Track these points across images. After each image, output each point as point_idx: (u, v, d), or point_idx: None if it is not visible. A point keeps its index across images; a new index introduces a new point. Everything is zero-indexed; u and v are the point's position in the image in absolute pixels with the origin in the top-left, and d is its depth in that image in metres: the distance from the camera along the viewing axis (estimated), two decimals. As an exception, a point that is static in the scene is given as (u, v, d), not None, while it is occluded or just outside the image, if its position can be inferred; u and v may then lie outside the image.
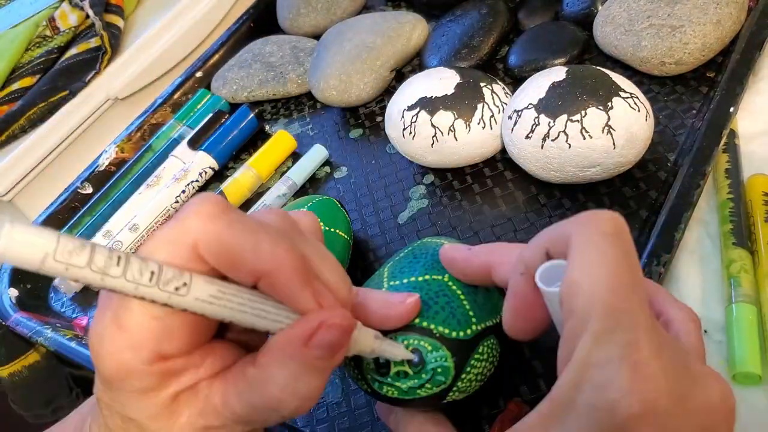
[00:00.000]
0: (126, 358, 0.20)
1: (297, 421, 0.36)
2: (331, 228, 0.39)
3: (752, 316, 0.32)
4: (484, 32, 0.51)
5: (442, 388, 0.27)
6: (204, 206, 0.21)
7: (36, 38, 0.65)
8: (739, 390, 0.31)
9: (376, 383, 0.28)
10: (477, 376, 0.28)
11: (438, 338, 0.27)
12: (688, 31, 0.42)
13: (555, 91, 0.38)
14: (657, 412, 0.18)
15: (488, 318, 0.29)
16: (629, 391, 0.18)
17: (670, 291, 0.35)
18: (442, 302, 0.28)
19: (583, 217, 0.21)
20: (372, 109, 0.53)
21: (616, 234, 0.20)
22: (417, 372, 0.27)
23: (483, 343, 0.28)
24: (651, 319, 0.20)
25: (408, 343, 0.27)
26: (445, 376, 0.27)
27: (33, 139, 0.59)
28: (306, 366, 0.21)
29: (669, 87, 0.44)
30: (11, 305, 0.48)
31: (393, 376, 0.27)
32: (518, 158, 0.41)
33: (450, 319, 0.28)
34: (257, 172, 0.50)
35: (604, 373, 0.18)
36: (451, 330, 0.28)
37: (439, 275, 0.30)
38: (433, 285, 0.29)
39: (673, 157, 0.40)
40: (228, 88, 0.58)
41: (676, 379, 0.19)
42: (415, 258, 0.31)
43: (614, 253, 0.20)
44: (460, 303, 0.29)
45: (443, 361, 0.27)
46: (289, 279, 0.21)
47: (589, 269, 0.20)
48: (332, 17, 0.60)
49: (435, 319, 0.28)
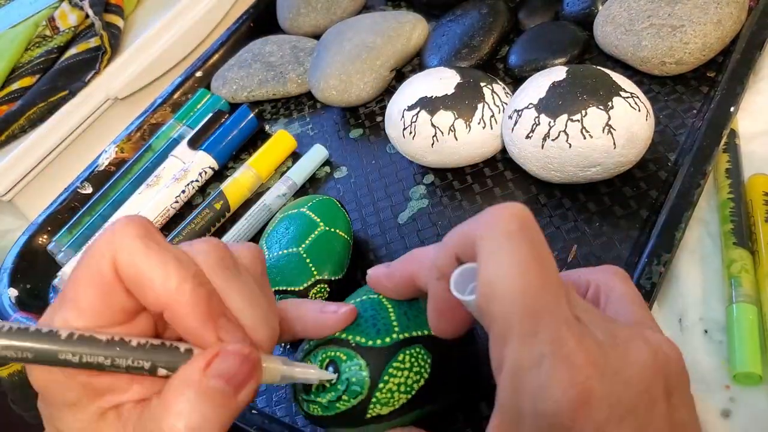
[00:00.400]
0: (50, 368, 0.21)
1: (297, 420, 0.36)
2: (331, 228, 0.39)
3: (753, 316, 0.32)
4: (485, 32, 0.51)
5: (359, 400, 0.27)
6: (129, 227, 0.21)
7: (36, 38, 0.65)
8: (739, 390, 0.31)
9: (304, 403, 0.28)
10: (399, 386, 0.27)
11: (353, 347, 0.27)
12: (688, 30, 0.42)
13: (555, 91, 0.38)
14: (596, 396, 0.18)
15: (417, 328, 0.28)
16: (566, 387, 0.18)
17: (671, 290, 0.35)
18: (367, 315, 0.29)
19: (486, 217, 0.21)
20: (372, 109, 0.53)
21: (521, 228, 0.20)
22: (333, 384, 0.27)
23: (404, 352, 0.27)
24: (568, 308, 0.20)
25: (326, 356, 0.27)
26: (361, 386, 0.27)
27: (33, 139, 0.59)
28: (203, 396, 0.21)
29: (669, 87, 0.44)
30: (11, 305, 0.48)
31: (314, 391, 0.27)
32: (518, 158, 0.41)
33: (369, 329, 0.28)
34: (257, 172, 0.50)
35: (539, 374, 0.19)
36: (368, 339, 0.27)
37: (375, 294, 0.30)
38: (366, 302, 0.29)
39: (674, 156, 0.40)
40: (228, 88, 0.58)
41: (605, 357, 0.19)
42: (361, 293, 0.31)
43: (521, 251, 0.20)
44: (387, 314, 0.28)
45: (358, 370, 0.27)
46: (188, 314, 0.21)
47: (499, 272, 0.20)
48: (332, 17, 0.60)
49: (354, 330, 0.28)
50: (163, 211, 0.50)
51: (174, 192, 0.50)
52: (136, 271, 0.21)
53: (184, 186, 0.51)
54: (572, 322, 0.19)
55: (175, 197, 0.50)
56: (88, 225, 0.50)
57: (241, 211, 0.49)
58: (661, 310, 0.35)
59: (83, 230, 0.50)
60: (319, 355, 0.28)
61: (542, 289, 0.19)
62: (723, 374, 0.31)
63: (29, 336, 0.20)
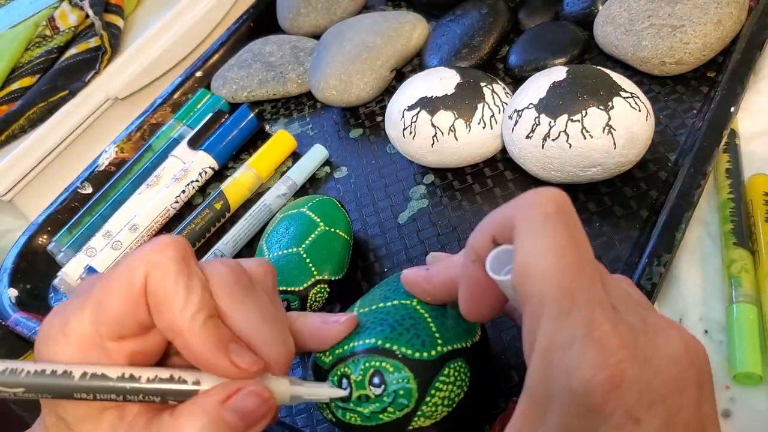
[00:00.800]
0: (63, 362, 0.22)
1: (297, 421, 0.36)
2: (332, 228, 0.39)
3: (753, 316, 0.32)
4: (485, 32, 0.51)
5: (405, 413, 0.26)
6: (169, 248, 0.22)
7: (36, 38, 0.64)
8: (739, 390, 0.31)
9: (339, 410, 0.27)
10: (443, 400, 0.27)
11: (400, 359, 0.27)
12: (688, 30, 0.42)
13: (555, 91, 0.38)
14: (627, 380, 0.18)
15: (457, 341, 0.28)
16: (598, 368, 0.18)
17: (671, 291, 0.35)
18: (407, 324, 0.28)
19: (524, 200, 0.21)
20: (372, 109, 0.53)
21: (558, 212, 0.20)
22: (378, 395, 0.26)
23: (449, 366, 0.27)
24: (603, 291, 0.20)
25: (370, 365, 0.27)
26: (408, 398, 0.26)
27: (33, 139, 0.59)
28: (216, 426, 0.21)
29: (669, 87, 0.44)
30: (11, 305, 0.48)
31: (355, 401, 0.27)
32: (519, 158, 0.41)
33: (414, 340, 0.27)
34: (257, 171, 0.50)
35: (571, 355, 0.19)
36: (414, 351, 0.27)
37: (407, 300, 0.29)
38: (400, 309, 0.29)
39: (674, 156, 0.40)
40: (228, 88, 0.58)
41: (637, 343, 0.19)
42: (385, 286, 0.31)
43: (558, 233, 0.20)
44: (426, 325, 0.28)
45: (405, 383, 0.26)
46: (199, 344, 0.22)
47: (536, 253, 0.20)
48: (332, 17, 0.60)
49: (398, 340, 0.27)
50: (163, 211, 0.50)
51: (174, 192, 0.50)
52: (162, 291, 0.22)
53: (184, 186, 0.51)
54: (606, 305, 0.19)
55: (175, 197, 0.50)
56: (88, 225, 0.50)
57: (241, 211, 0.49)
58: (661, 311, 0.35)
59: (83, 230, 0.50)
60: (361, 364, 0.27)
61: (578, 271, 0.19)
62: (723, 374, 0.31)
63: (45, 378, 0.21)
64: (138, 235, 0.48)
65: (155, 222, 0.49)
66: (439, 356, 0.27)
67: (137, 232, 0.48)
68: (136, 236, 0.48)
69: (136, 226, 0.48)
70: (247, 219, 0.46)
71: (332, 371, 0.28)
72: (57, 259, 0.50)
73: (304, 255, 0.38)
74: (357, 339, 0.28)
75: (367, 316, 0.29)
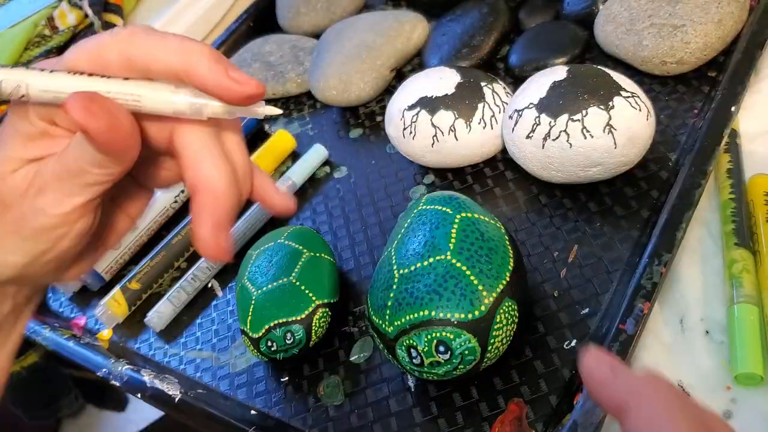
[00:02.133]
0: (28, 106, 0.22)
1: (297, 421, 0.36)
2: (316, 253, 0.39)
3: (754, 317, 0.32)
4: (485, 31, 0.51)
5: (473, 364, 0.30)
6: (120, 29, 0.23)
7: (35, 38, 0.64)
8: (740, 391, 0.31)
9: (416, 372, 0.31)
10: (502, 340, 0.31)
11: (457, 325, 0.29)
12: (689, 30, 0.42)
13: (556, 91, 0.38)
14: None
15: (497, 283, 0.30)
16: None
17: (672, 291, 0.35)
18: (450, 286, 0.30)
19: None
20: (372, 109, 0.53)
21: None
22: (447, 359, 0.30)
23: (499, 312, 0.30)
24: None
25: (431, 338, 0.29)
26: (473, 354, 0.30)
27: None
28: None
29: (670, 86, 0.44)
30: (10, 305, 0.47)
31: (428, 366, 0.30)
32: (519, 158, 0.41)
33: (463, 302, 0.29)
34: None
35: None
36: (467, 313, 0.29)
37: (441, 254, 0.31)
38: (438, 268, 0.31)
39: (675, 156, 0.40)
40: (227, 88, 0.58)
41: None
42: (414, 235, 0.33)
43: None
44: (469, 281, 0.30)
45: (468, 344, 0.29)
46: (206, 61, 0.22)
47: None
48: (332, 16, 0.60)
49: (449, 307, 0.29)
50: (163, 211, 0.49)
51: (173, 192, 0.50)
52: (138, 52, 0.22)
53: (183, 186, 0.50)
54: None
55: (175, 197, 0.50)
56: (88, 225, 0.50)
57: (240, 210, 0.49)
58: (662, 311, 0.35)
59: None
60: (423, 336, 0.30)
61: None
62: (724, 375, 0.31)
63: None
64: (137, 235, 0.48)
65: (155, 222, 0.49)
66: (489, 309, 0.30)
67: (136, 232, 0.48)
68: (135, 236, 0.48)
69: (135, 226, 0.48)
70: (245, 220, 0.46)
71: (398, 342, 0.31)
72: (56, 259, 0.50)
73: (297, 283, 0.37)
74: (410, 312, 0.30)
75: (409, 281, 0.31)
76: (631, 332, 0.31)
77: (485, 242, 0.32)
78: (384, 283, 0.32)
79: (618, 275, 0.36)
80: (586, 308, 0.35)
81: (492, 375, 0.34)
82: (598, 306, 0.35)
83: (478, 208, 0.34)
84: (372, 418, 0.35)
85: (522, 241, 0.39)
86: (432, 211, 0.33)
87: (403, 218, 0.35)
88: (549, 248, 0.38)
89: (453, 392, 0.34)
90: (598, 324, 0.34)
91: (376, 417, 0.35)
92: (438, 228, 0.32)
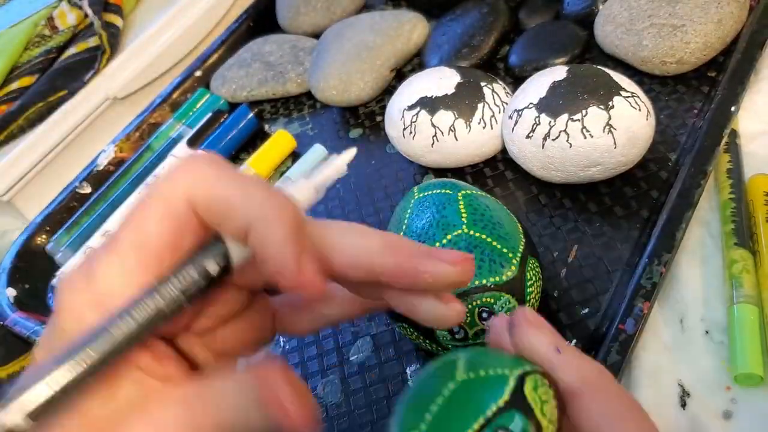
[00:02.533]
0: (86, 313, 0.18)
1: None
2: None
3: (754, 317, 0.31)
4: (485, 31, 0.51)
5: None
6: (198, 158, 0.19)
7: (35, 38, 0.64)
8: (740, 391, 0.31)
9: (456, 348, 0.31)
10: (535, 297, 0.32)
11: (494, 289, 0.30)
12: (689, 30, 0.42)
13: (556, 91, 0.38)
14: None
15: (518, 244, 0.32)
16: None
17: (672, 291, 0.35)
18: (478, 255, 0.30)
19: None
20: (372, 109, 0.53)
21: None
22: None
23: (527, 270, 0.31)
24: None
25: (473, 306, 0.30)
26: None
27: (31, 139, 0.59)
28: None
29: (670, 86, 0.44)
30: (9, 305, 0.47)
31: (472, 338, 0.31)
32: (519, 158, 0.41)
33: (494, 267, 0.30)
34: (256, 172, 0.50)
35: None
36: (500, 276, 0.30)
37: (458, 229, 0.31)
38: (459, 242, 0.31)
39: (674, 156, 0.40)
40: (227, 88, 0.58)
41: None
42: (421, 219, 0.32)
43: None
44: (493, 247, 0.31)
45: (508, 305, 0.30)
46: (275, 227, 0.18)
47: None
48: (332, 16, 0.60)
49: (482, 274, 0.30)
50: (162, 211, 0.49)
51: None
52: (215, 195, 0.19)
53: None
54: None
55: (175, 197, 0.50)
56: (87, 225, 0.50)
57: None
58: (662, 311, 0.35)
59: (82, 230, 0.50)
60: (466, 306, 0.28)
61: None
62: (724, 375, 0.31)
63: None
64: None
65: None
66: (518, 268, 0.31)
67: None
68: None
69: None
70: None
71: None
72: (55, 259, 0.50)
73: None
74: None
75: None
76: (630, 332, 0.31)
77: (493, 212, 0.33)
78: None
79: (618, 275, 0.36)
80: (586, 308, 0.35)
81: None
82: (598, 306, 0.35)
83: (471, 185, 0.35)
84: (372, 418, 0.35)
85: (522, 241, 0.39)
86: (431, 196, 0.34)
87: (401, 211, 0.35)
88: (549, 248, 0.38)
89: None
90: (597, 324, 0.34)
91: (376, 417, 0.35)
92: (445, 208, 0.33)
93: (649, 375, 0.32)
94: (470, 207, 0.32)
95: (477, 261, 0.30)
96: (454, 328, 0.31)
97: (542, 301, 0.36)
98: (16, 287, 0.49)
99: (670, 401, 0.31)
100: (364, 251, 0.20)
